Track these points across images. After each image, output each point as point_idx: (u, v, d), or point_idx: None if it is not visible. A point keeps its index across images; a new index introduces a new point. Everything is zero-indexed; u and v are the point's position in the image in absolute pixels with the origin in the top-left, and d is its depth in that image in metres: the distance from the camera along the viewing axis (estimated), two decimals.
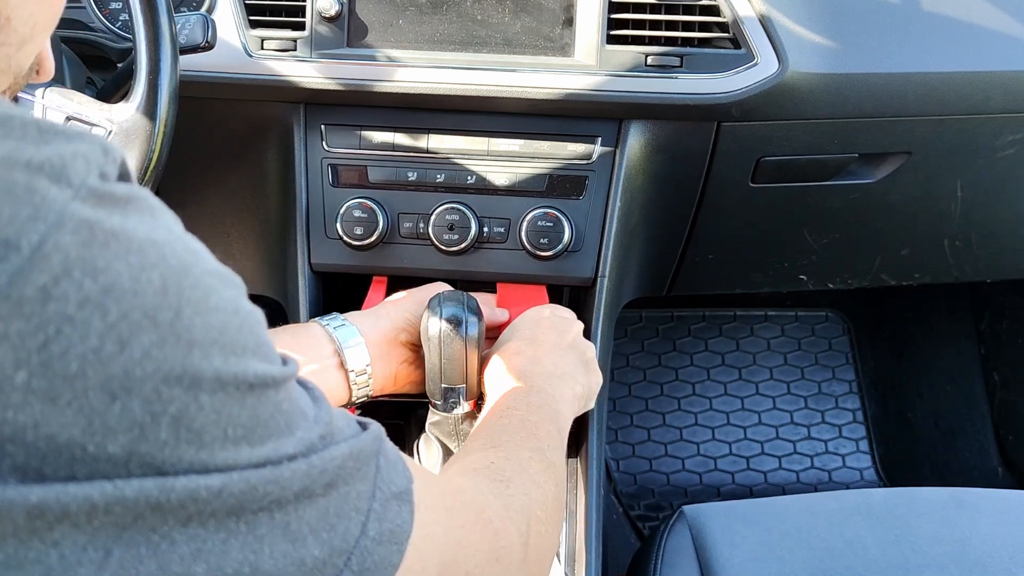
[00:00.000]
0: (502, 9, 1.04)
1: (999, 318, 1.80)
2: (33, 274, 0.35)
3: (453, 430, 0.95)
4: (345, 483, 0.47)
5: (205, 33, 0.90)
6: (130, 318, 0.37)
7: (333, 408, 0.50)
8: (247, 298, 0.45)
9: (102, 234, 0.37)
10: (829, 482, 1.80)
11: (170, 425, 0.39)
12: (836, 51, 1.05)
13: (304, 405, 0.47)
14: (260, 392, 0.43)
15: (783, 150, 1.14)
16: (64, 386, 0.36)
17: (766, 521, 1.01)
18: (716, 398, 1.86)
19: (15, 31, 0.49)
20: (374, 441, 0.51)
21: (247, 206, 1.26)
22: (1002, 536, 0.98)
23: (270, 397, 0.43)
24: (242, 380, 0.41)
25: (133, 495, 0.38)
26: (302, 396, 0.47)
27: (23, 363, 0.35)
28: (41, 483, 0.36)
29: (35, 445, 0.36)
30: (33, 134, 0.38)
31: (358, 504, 0.48)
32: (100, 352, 0.37)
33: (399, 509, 0.50)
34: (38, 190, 0.36)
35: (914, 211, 1.30)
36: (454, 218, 1.08)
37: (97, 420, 0.37)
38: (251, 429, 0.42)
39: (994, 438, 1.78)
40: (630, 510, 1.75)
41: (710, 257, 1.33)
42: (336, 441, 0.47)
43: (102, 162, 0.40)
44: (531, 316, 0.98)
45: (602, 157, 1.08)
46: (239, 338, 0.42)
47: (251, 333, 0.43)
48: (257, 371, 0.42)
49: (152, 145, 0.81)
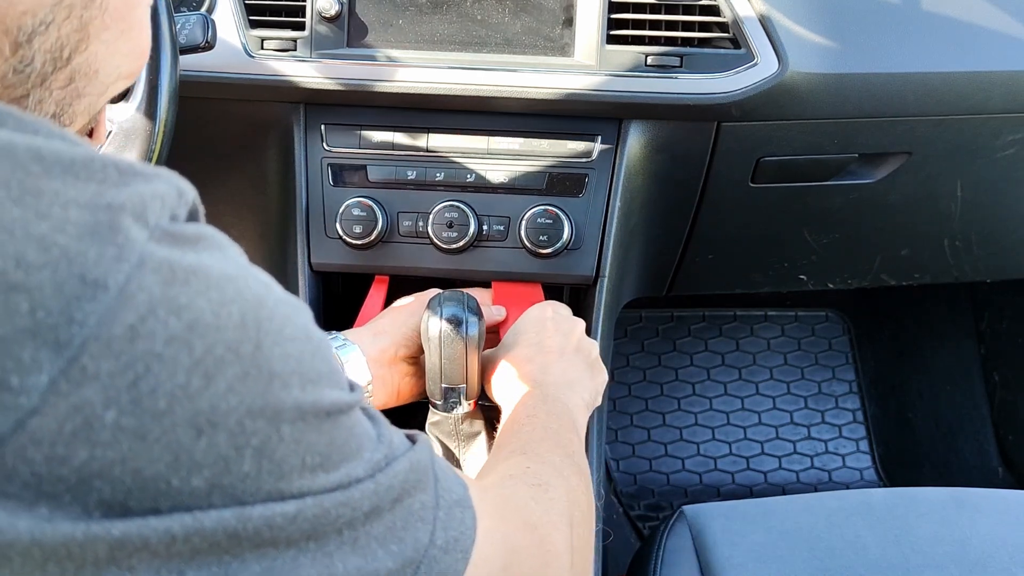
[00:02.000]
0: (502, 9, 1.04)
1: (999, 318, 1.80)
2: (121, 313, 0.36)
3: (453, 430, 0.95)
4: (409, 495, 0.48)
5: (205, 33, 0.90)
6: (214, 353, 0.38)
7: (390, 426, 0.51)
8: (315, 324, 0.45)
9: (182, 272, 0.38)
10: (829, 482, 1.80)
11: (253, 457, 0.39)
12: (836, 51, 1.05)
13: (368, 427, 0.48)
14: (335, 419, 0.43)
15: (783, 150, 1.14)
16: (153, 423, 0.37)
17: (766, 521, 1.01)
18: (716, 398, 1.86)
19: (101, 82, 0.50)
20: (427, 452, 0.52)
21: (247, 206, 1.26)
22: (1002, 536, 0.98)
23: (343, 423, 0.44)
24: (320, 408, 0.42)
25: (212, 525, 0.39)
26: (365, 419, 0.48)
27: (112, 402, 0.36)
28: (124, 517, 0.37)
29: (121, 480, 0.37)
30: (113, 176, 0.38)
31: (423, 514, 0.48)
32: (187, 388, 0.37)
33: (462, 516, 0.51)
34: (121, 230, 0.37)
35: (914, 211, 1.30)
36: (453, 216, 1.08)
37: (184, 455, 0.38)
38: (327, 456, 0.43)
39: (994, 438, 1.78)
40: (630, 510, 1.75)
41: (710, 257, 1.33)
42: (396, 456, 0.48)
43: (175, 204, 0.41)
44: (534, 317, 0.98)
45: (602, 155, 1.08)
46: (314, 366, 0.42)
47: (324, 360, 0.44)
48: (331, 398, 0.43)
49: (152, 145, 0.81)
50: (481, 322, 0.90)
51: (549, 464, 0.72)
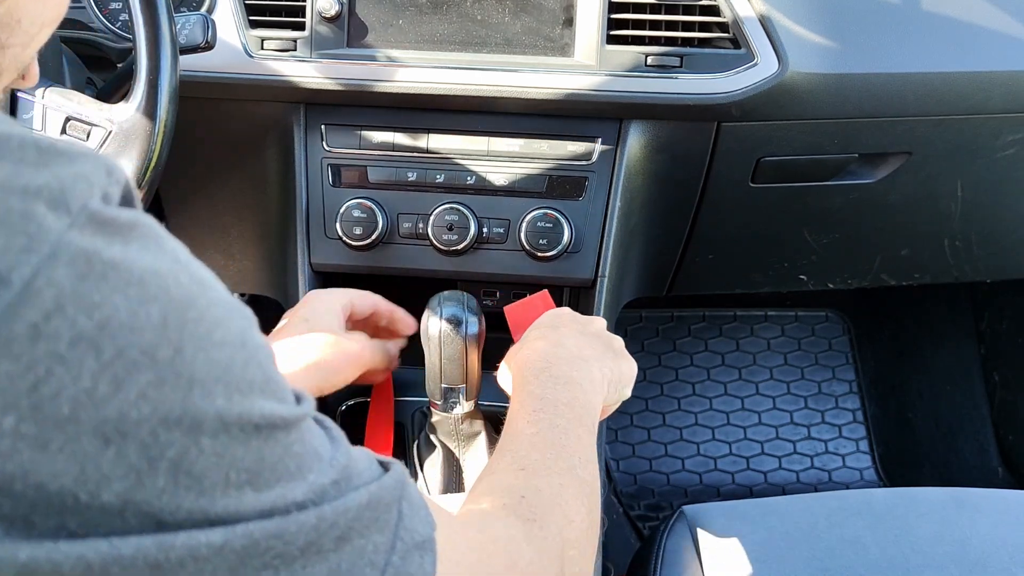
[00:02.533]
0: (502, 9, 1.04)
1: (999, 318, 1.80)
2: (23, 310, 0.33)
3: (453, 430, 0.95)
4: (360, 535, 0.43)
5: (205, 33, 0.90)
6: (126, 356, 0.35)
7: (353, 449, 0.47)
8: (257, 331, 0.42)
9: (100, 265, 0.35)
10: (829, 482, 1.80)
11: (168, 471, 0.36)
12: (836, 51, 1.05)
13: (319, 446, 0.44)
14: (267, 434, 0.40)
15: (783, 150, 1.14)
16: (55, 431, 0.34)
17: (766, 521, 1.01)
18: (716, 398, 1.86)
19: (25, 31, 0.48)
20: (396, 485, 0.47)
21: (247, 206, 1.26)
22: (1002, 536, 0.98)
23: (279, 439, 0.41)
24: (247, 421, 0.39)
25: (130, 554, 0.36)
26: (318, 436, 0.44)
27: (11, 407, 0.33)
28: (30, 538, 0.34)
29: (23, 495, 0.34)
30: (32, 155, 0.36)
31: (374, 558, 0.44)
32: (93, 394, 0.34)
33: (420, 561, 0.46)
34: (34, 218, 0.34)
35: (914, 211, 1.30)
36: (453, 218, 1.08)
37: (90, 467, 0.35)
38: (256, 473, 0.39)
39: (994, 438, 1.78)
40: (630, 510, 1.75)
41: (710, 257, 1.33)
42: (354, 486, 0.44)
43: (105, 183, 0.38)
44: (552, 312, 0.93)
45: (602, 157, 1.08)
46: (245, 374, 0.39)
47: (259, 368, 0.40)
48: (264, 411, 0.40)
49: (152, 145, 0.81)
50: (481, 322, 0.90)
51: (547, 490, 0.66)
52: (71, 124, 0.81)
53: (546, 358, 0.79)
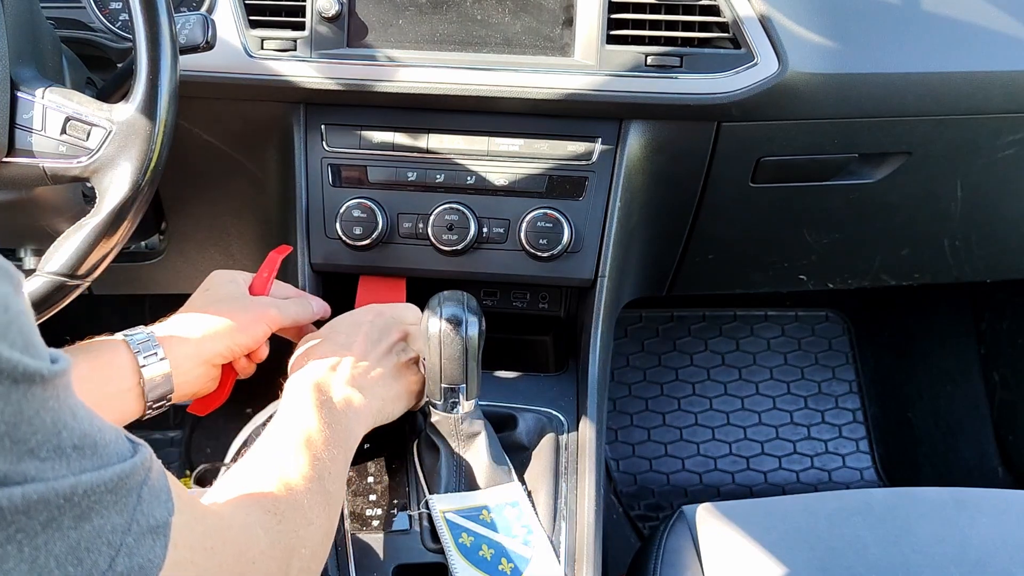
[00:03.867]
0: (502, 9, 1.04)
1: (999, 318, 1.80)
2: None
3: (453, 430, 0.94)
4: (99, 515, 0.45)
5: (205, 33, 0.90)
6: None
7: (105, 423, 0.48)
8: (22, 296, 0.43)
9: None
10: (829, 482, 1.80)
11: None
12: (836, 51, 1.05)
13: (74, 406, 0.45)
14: (26, 388, 0.41)
15: (783, 150, 1.14)
16: None
17: (766, 521, 1.01)
18: (716, 398, 1.86)
19: None
20: (141, 467, 0.49)
21: (247, 206, 1.26)
22: (1002, 536, 0.98)
23: (36, 393, 0.42)
24: (7, 375, 0.40)
25: None
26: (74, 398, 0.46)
27: None
28: None
29: None
30: None
31: (111, 538, 0.46)
32: None
33: (152, 544, 0.49)
34: None
35: (914, 211, 1.30)
36: (453, 218, 1.07)
37: None
38: (13, 425, 0.41)
39: (994, 438, 1.78)
40: (630, 510, 1.75)
41: (710, 257, 1.33)
42: (100, 464, 0.46)
43: None
44: (352, 319, 0.97)
45: (602, 157, 1.08)
46: (7, 335, 0.41)
47: (19, 332, 0.42)
48: (25, 366, 0.41)
49: (152, 145, 0.80)
50: (481, 322, 0.90)
51: (293, 490, 0.73)
52: (71, 124, 0.81)
53: (322, 382, 0.86)
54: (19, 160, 0.82)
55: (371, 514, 0.95)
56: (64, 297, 0.81)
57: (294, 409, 0.83)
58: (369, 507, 0.96)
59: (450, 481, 0.94)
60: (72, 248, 0.79)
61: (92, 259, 0.80)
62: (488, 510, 0.93)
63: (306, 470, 0.76)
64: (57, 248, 0.80)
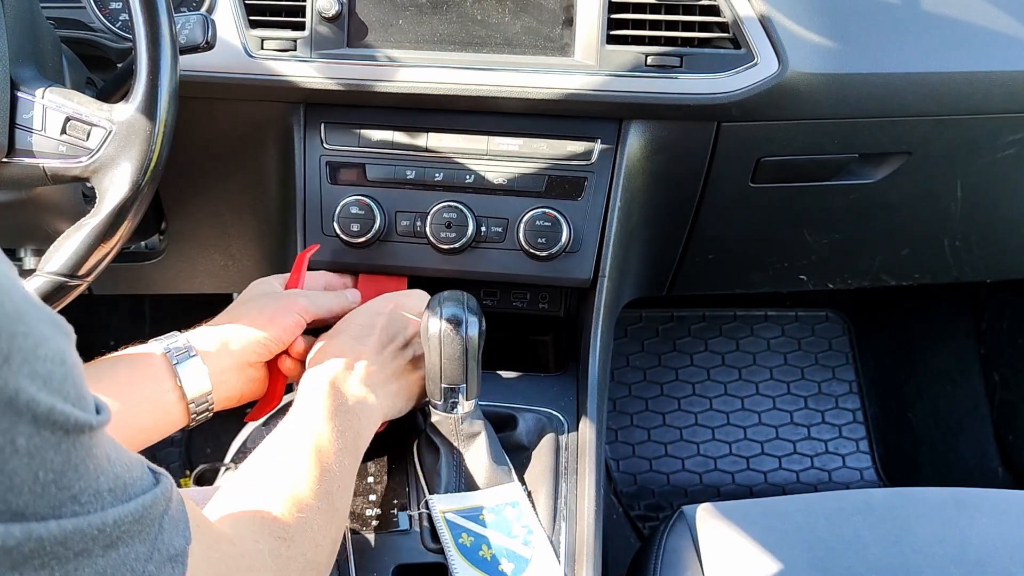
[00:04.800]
0: (502, 9, 1.04)
1: (999, 318, 1.80)
2: None
3: (453, 430, 0.94)
4: (126, 544, 0.47)
5: (205, 33, 0.90)
6: None
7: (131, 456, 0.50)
8: (74, 349, 0.46)
9: None
10: (829, 482, 1.80)
11: None
12: (836, 51, 1.05)
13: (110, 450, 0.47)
14: (75, 438, 0.44)
15: (783, 150, 1.14)
16: None
17: (766, 521, 1.01)
18: (716, 398, 1.86)
19: None
20: (162, 498, 0.52)
21: (247, 206, 1.26)
22: (1002, 536, 0.98)
23: (83, 442, 0.44)
24: (59, 426, 0.42)
25: None
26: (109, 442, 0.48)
27: None
28: None
29: None
30: None
31: (135, 565, 0.48)
32: None
33: (171, 572, 0.51)
34: None
35: (914, 211, 1.30)
36: (452, 217, 1.07)
37: None
38: (61, 473, 0.43)
39: (994, 438, 1.78)
40: (630, 510, 1.75)
41: (710, 257, 1.33)
42: (128, 496, 0.48)
43: None
44: (368, 309, 0.97)
45: (602, 157, 1.08)
46: (63, 388, 0.43)
47: (73, 384, 0.44)
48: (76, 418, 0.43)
49: (152, 145, 0.80)
50: (481, 322, 0.90)
51: (303, 511, 0.74)
52: (71, 124, 0.81)
53: (336, 381, 0.86)
54: (19, 160, 0.82)
55: (371, 514, 0.95)
56: (64, 297, 0.81)
57: (309, 412, 0.83)
58: (369, 507, 0.96)
59: (450, 481, 0.94)
60: (72, 248, 0.79)
61: (92, 259, 0.80)
62: (488, 510, 0.93)
63: (317, 485, 0.76)
64: (57, 248, 0.80)
